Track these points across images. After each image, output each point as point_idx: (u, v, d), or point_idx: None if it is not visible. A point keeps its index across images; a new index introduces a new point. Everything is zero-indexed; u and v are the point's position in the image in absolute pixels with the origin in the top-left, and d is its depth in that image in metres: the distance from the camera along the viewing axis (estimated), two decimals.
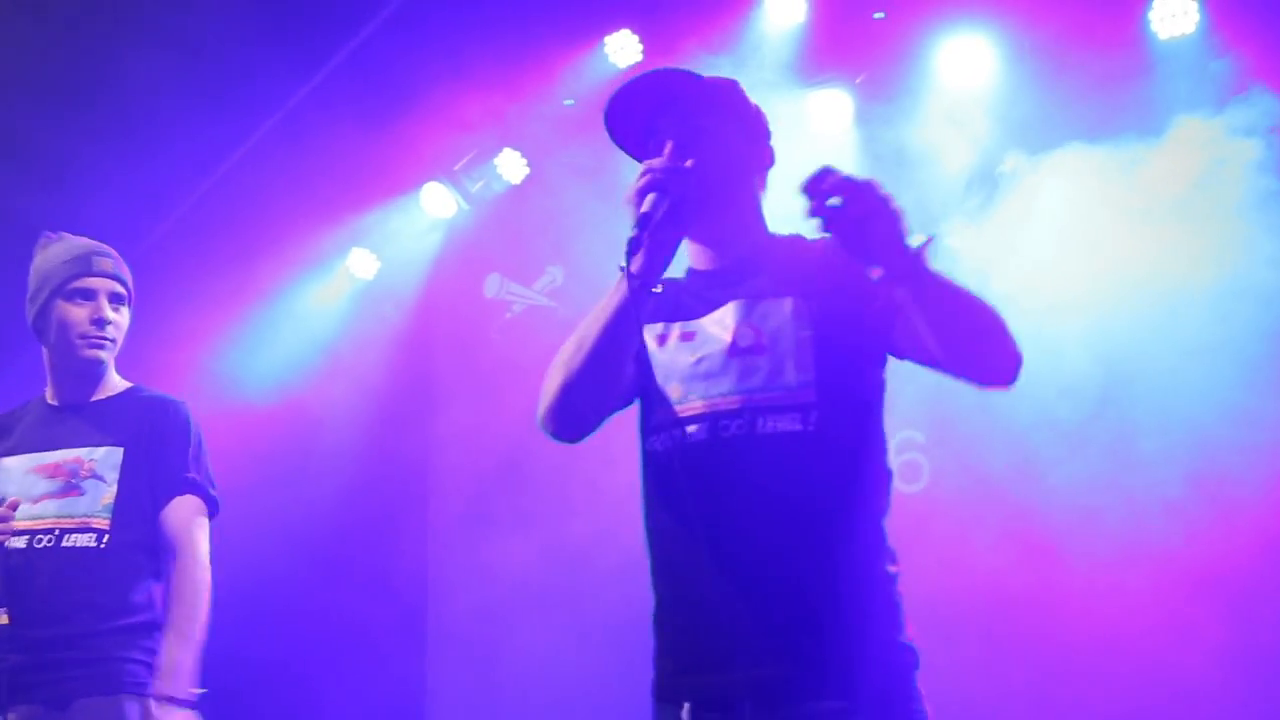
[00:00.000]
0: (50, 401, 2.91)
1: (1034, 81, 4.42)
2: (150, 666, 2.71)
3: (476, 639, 5.21)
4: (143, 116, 4.69)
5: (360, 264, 5.46)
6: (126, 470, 2.79)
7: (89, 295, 2.85)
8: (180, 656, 2.67)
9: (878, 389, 2.06)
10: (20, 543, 2.73)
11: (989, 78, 4.49)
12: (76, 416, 2.86)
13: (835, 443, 1.96)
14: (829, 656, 1.87)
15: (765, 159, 2.21)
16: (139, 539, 2.78)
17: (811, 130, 4.63)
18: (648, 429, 2.11)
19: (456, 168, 5.25)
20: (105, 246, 2.95)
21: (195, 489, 2.84)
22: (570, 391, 2.13)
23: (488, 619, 5.17)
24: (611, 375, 2.07)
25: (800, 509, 1.93)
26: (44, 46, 4.25)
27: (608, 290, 2.10)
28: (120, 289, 2.89)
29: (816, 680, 1.87)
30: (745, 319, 2.03)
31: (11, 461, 2.83)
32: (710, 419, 2.00)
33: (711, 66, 4.49)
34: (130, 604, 2.74)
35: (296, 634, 5.17)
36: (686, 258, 2.20)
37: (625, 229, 2.09)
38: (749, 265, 2.11)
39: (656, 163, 2.08)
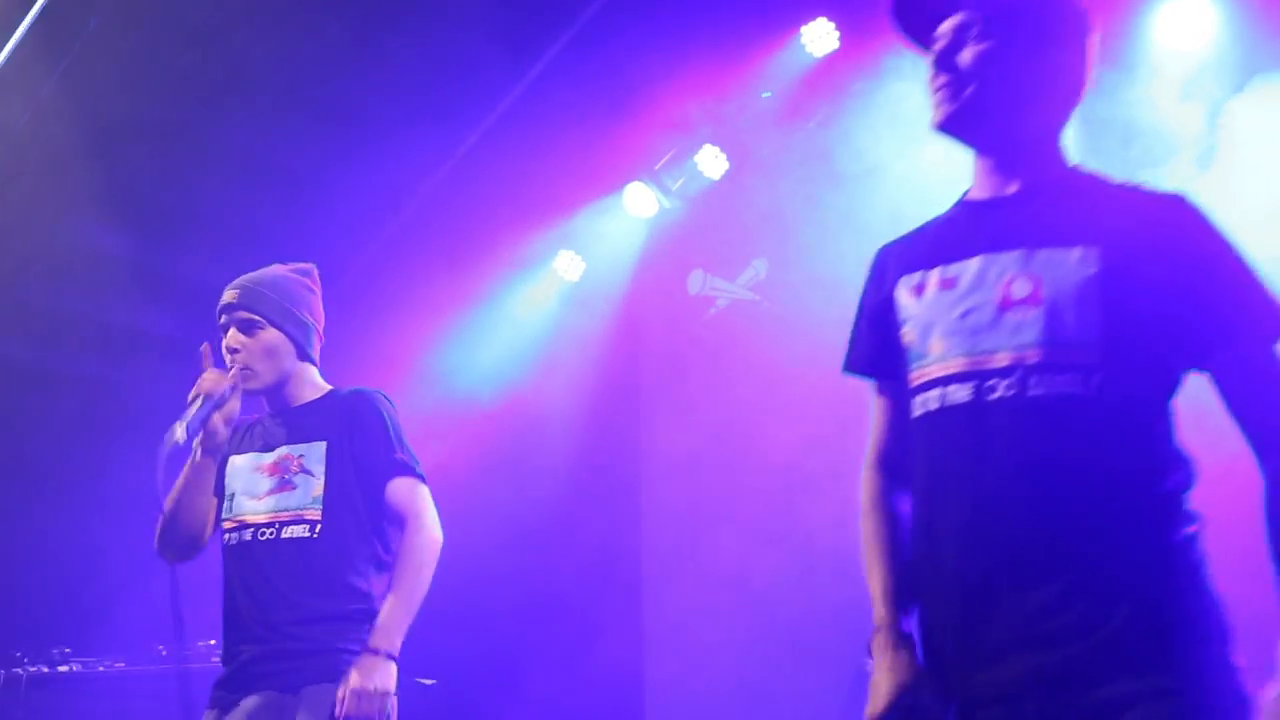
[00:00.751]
0: (268, 410, 3.10)
1: (1255, 30, 4.14)
2: None
3: (692, 631, 5.23)
4: (362, 129, 4.89)
5: (567, 266, 5.57)
6: (331, 462, 2.94)
7: (222, 330, 3.04)
8: (393, 614, 2.80)
9: (1174, 358, 1.82)
10: (246, 536, 2.93)
11: (1209, 33, 4.23)
12: (287, 420, 3.04)
13: (1119, 408, 1.75)
14: (1121, 633, 1.68)
15: (1078, 79, 1.93)
16: (349, 527, 2.91)
17: None
18: (910, 390, 1.92)
19: (657, 167, 5.28)
20: (247, 277, 3.09)
21: (406, 469, 2.96)
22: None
23: (702, 610, 5.19)
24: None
25: (1074, 479, 1.74)
26: (270, 61, 4.46)
27: (813, 282, 2.02)
28: (246, 315, 3.01)
29: (1113, 659, 1.67)
30: (1024, 267, 1.82)
31: (239, 459, 3.03)
32: (976, 378, 1.82)
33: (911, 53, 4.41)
34: (347, 591, 2.87)
35: (514, 626, 5.31)
36: (970, 187, 2.00)
37: (826, 222, 2.00)
38: (1035, 200, 1.89)
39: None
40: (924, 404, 1.89)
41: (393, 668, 2.76)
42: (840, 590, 4.63)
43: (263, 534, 2.92)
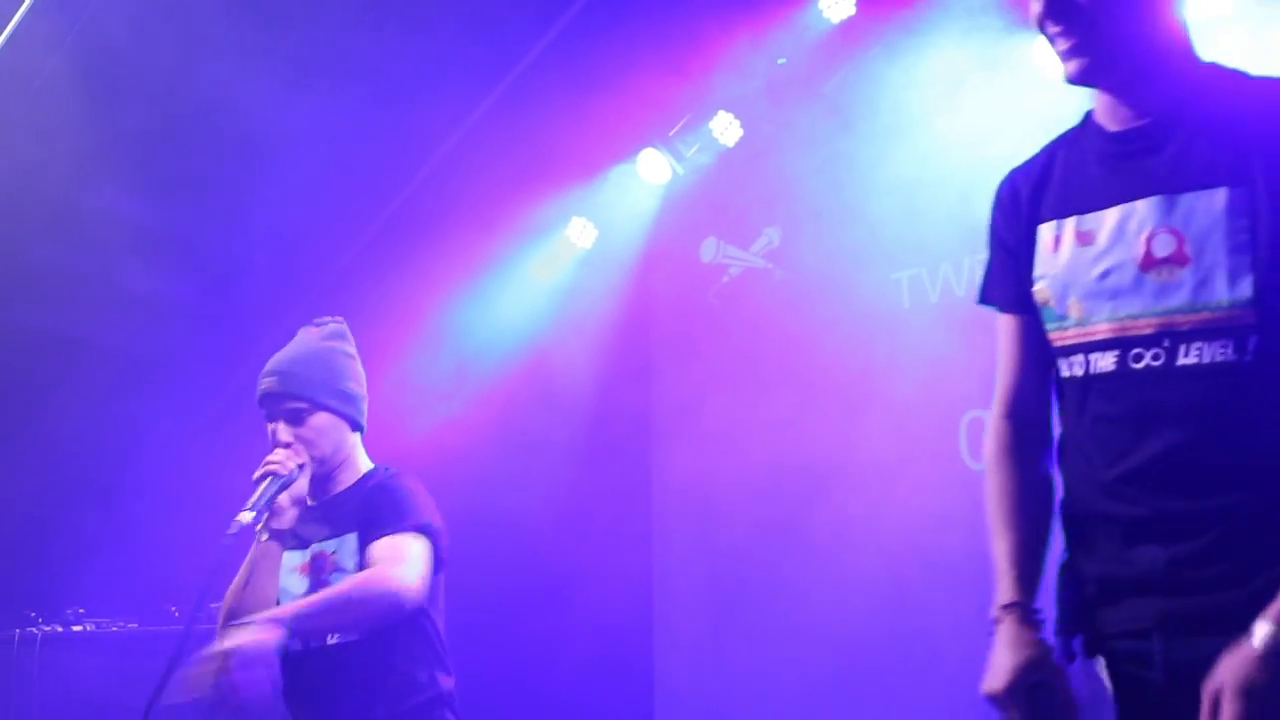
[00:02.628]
0: (309, 501, 2.94)
1: None
2: None
3: (702, 588, 5.25)
4: (377, 93, 4.87)
5: (579, 233, 5.55)
6: (363, 554, 2.77)
7: (267, 419, 2.90)
8: (307, 601, 2.65)
9: None
10: (296, 645, 2.71)
11: None
12: (321, 513, 2.91)
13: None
14: (1243, 592, 1.61)
15: None
16: (398, 621, 2.77)
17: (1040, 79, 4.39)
18: (1058, 351, 1.81)
19: (671, 133, 5.25)
20: (281, 358, 2.93)
21: (394, 528, 2.75)
22: None
23: (711, 571, 5.21)
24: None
25: (1231, 453, 1.64)
26: (286, 22, 4.44)
27: (826, 250, 1.98)
28: (292, 404, 2.87)
29: (1233, 616, 1.60)
30: (1164, 219, 1.67)
31: (284, 557, 2.88)
32: (1120, 346, 1.71)
33: (936, 12, 4.36)
34: (408, 685, 2.77)
35: (521, 587, 5.33)
36: (1094, 106, 1.83)
37: (841, 190, 1.95)
38: (1171, 129, 1.71)
39: None
40: (1069, 368, 1.79)
41: (271, 632, 2.49)
42: (855, 549, 4.65)
43: (310, 642, 2.74)
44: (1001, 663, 1.76)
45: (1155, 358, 1.68)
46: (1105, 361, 1.73)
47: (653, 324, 5.71)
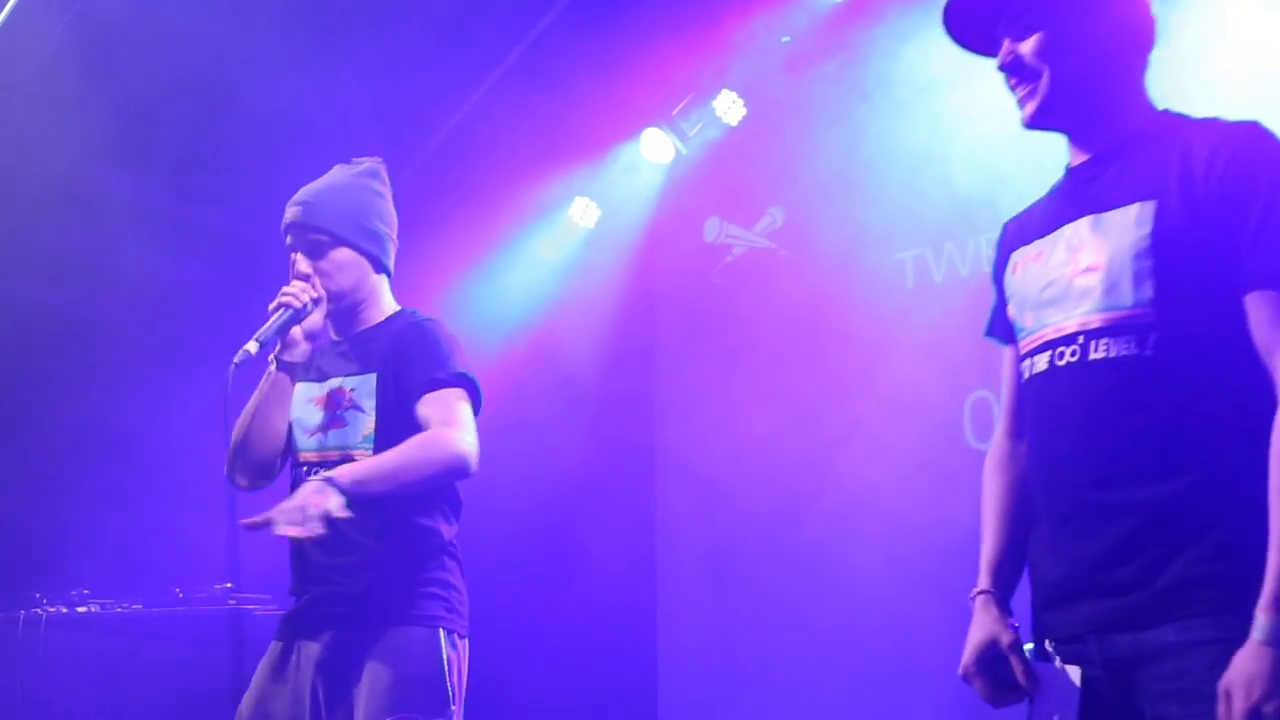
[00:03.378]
0: (331, 336, 2.93)
1: None
2: (437, 597, 2.74)
3: (704, 568, 5.26)
4: (380, 75, 4.86)
5: (582, 212, 5.53)
6: (381, 397, 2.76)
7: (289, 250, 2.88)
8: (365, 462, 2.65)
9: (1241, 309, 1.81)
10: (304, 474, 2.76)
11: None
12: (344, 349, 2.88)
13: (1178, 366, 1.80)
14: (1166, 586, 1.76)
15: (1140, 30, 1.97)
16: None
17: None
18: (1020, 357, 2.02)
19: (674, 112, 5.23)
20: (308, 188, 2.89)
21: (442, 383, 2.74)
22: None
23: (715, 545, 5.21)
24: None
25: (1133, 439, 1.81)
26: (285, 4, 4.42)
27: (829, 230, 2.10)
28: (315, 236, 2.82)
29: (1159, 609, 1.76)
30: (1091, 234, 1.89)
31: (298, 389, 2.87)
32: (1050, 347, 1.92)
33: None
34: (410, 529, 2.74)
35: (524, 561, 5.34)
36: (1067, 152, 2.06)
37: (845, 169, 2.05)
38: (1108, 164, 1.94)
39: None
40: (1025, 373, 2.00)
41: (332, 491, 2.53)
42: (858, 529, 4.66)
43: (318, 473, 2.70)
44: (969, 642, 1.99)
45: (1073, 354, 1.89)
46: (1041, 363, 1.94)
47: (656, 304, 5.70)
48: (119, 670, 4.26)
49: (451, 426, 2.69)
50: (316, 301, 2.81)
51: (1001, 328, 2.13)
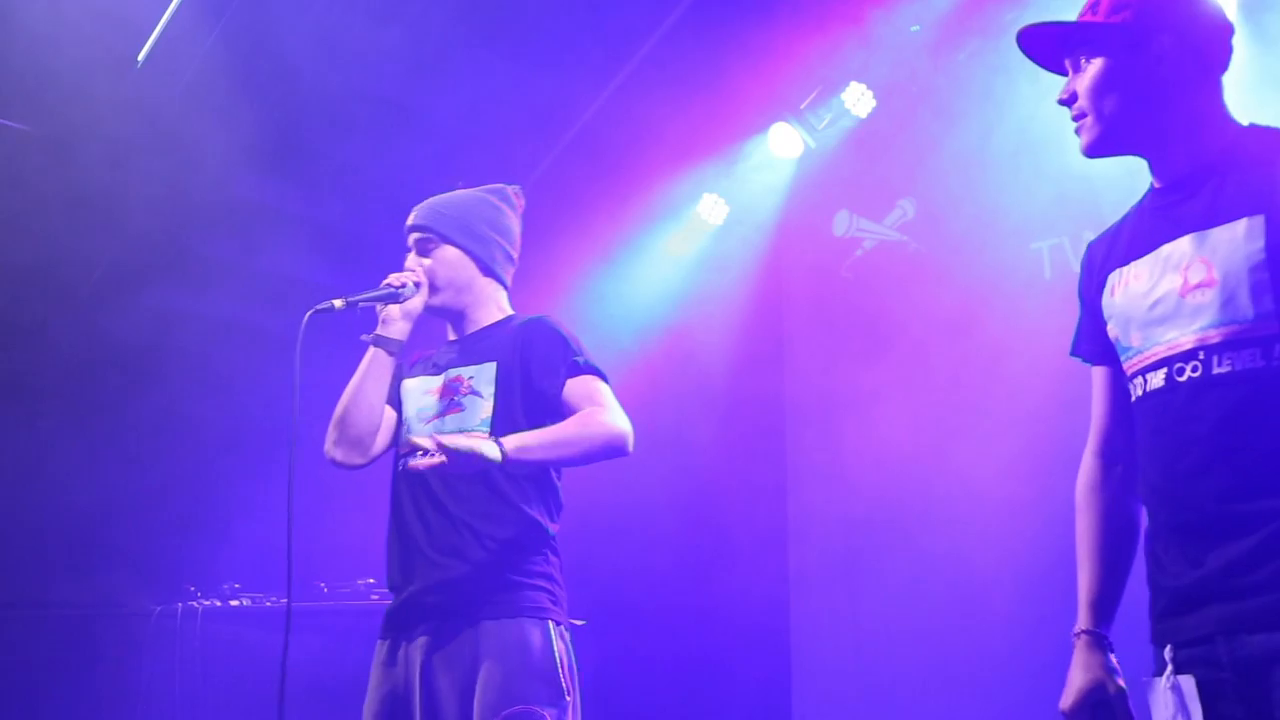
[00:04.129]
0: (450, 337, 3.07)
1: None
2: (544, 590, 2.79)
3: (836, 562, 5.22)
4: (507, 76, 4.93)
5: (711, 209, 5.53)
6: (501, 383, 2.86)
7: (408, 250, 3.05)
8: (531, 433, 2.75)
9: None
10: (422, 462, 2.82)
11: None
12: (459, 345, 3.01)
13: None
14: None
15: (1210, 51, 2.01)
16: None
17: None
18: (1128, 377, 2.05)
19: (803, 106, 5.19)
20: (431, 199, 3.07)
21: (585, 369, 2.87)
22: None
23: (847, 541, 5.18)
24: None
25: (1266, 450, 1.83)
26: (419, 11, 4.51)
27: (961, 222, 2.13)
28: (421, 234, 3.00)
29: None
30: (1197, 251, 1.92)
31: (411, 383, 3.00)
32: (1167, 364, 1.93)
33: None
34: (518, 518, 2.81)
35: (658, 559, 5.37)
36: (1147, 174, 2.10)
37: (977, 159, 2.10)
38: (1202, 182, 1.97)
39: None
40: (1133, 391, 2.02)
41: (493, 447, 2.65)
42: (990, 528, 4.58)
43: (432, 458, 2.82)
44: (1071, 683, 2.04)
45: (1194, 370, 1.90)
46: (1157, 380, 1.95)
47: (786, 299, 5.68)
48: (268, 661, 4.41)
49: (603, 408, 2.82)
50: (417, 286, 2.95)
51: (1088, 347, 2.18)
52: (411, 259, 3.02)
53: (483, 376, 2.90)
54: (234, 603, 4.50)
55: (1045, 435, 4.45)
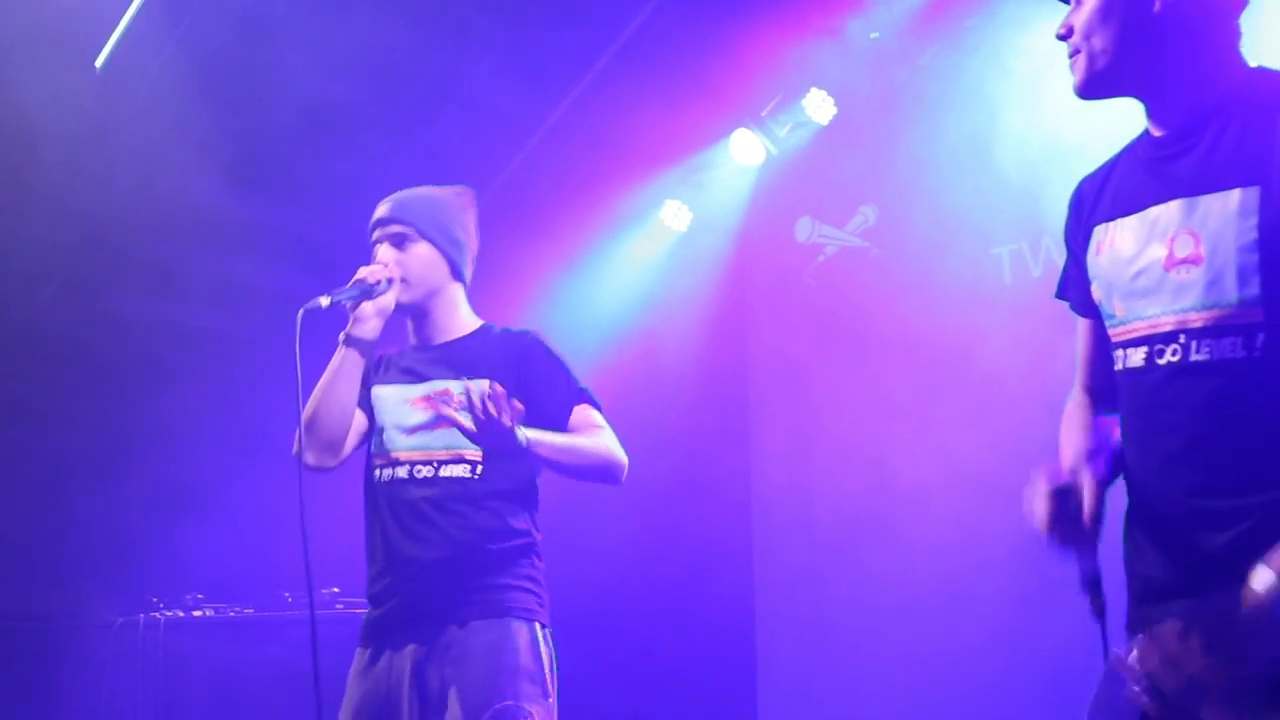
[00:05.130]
0: (413, 342, 3.03)
1: None
2: (531, 593, 2.83)
3: (801, 566, 5.25)
4: (465, 84, 4.93)
5: (674, 216, 5.56)
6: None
7: (373, 245, 2.99)
8: (549, 433, 2.80)
9: None
10: (402, 473, 2.86)
11: None
12: (436, 354, 2.96)
13: None
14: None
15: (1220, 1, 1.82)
16: (510, 468, 2.85)
17: None
18: (1113, 346, 1.93)
19: (764, 113, 5.22)
20: (400, 192, 3.03)
21: (589, 398, 2.93)
22: None
23: (812, 544, 5.20)
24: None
25: (1239, 447, 1.72)
26: (371, 24, 4.51)
27: (923, 227, 2.10)
28: (398, 228, 2.94)
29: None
30: (1185, 221, 1.76)
31: (385, 390, 2.95)
32: (1148, 343, 1.81)
33: None
34: (506, 530, 2.83)
35: (622, 568, 5.38)
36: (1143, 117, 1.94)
37: (938, 165, 2.06)
38: (1197, 137, 1.80)
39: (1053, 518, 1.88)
40: (1119, 362, 1.90)
41: (521, 432, 2.70)
42: (951, 528, 4.61)
43: (419, 471, 2.85)
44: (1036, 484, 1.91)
45: (1174, 354, 1.78)
46: (1137, 358, 1.84)
47: (749, 305, 5.70)
48: (231, 672, 4.38)
49: (609, 438, 2.92)
50: (390, 282, 2.89)
51: (1076, 295, 2.04)
52: (384, 252, 2.93)
53: (475, 391, 2.82)
54: (197, 613, 4.46)
55: (1008, 437, 4.49)
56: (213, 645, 4.42)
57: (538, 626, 2.82)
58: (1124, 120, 2.01)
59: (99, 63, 4.46)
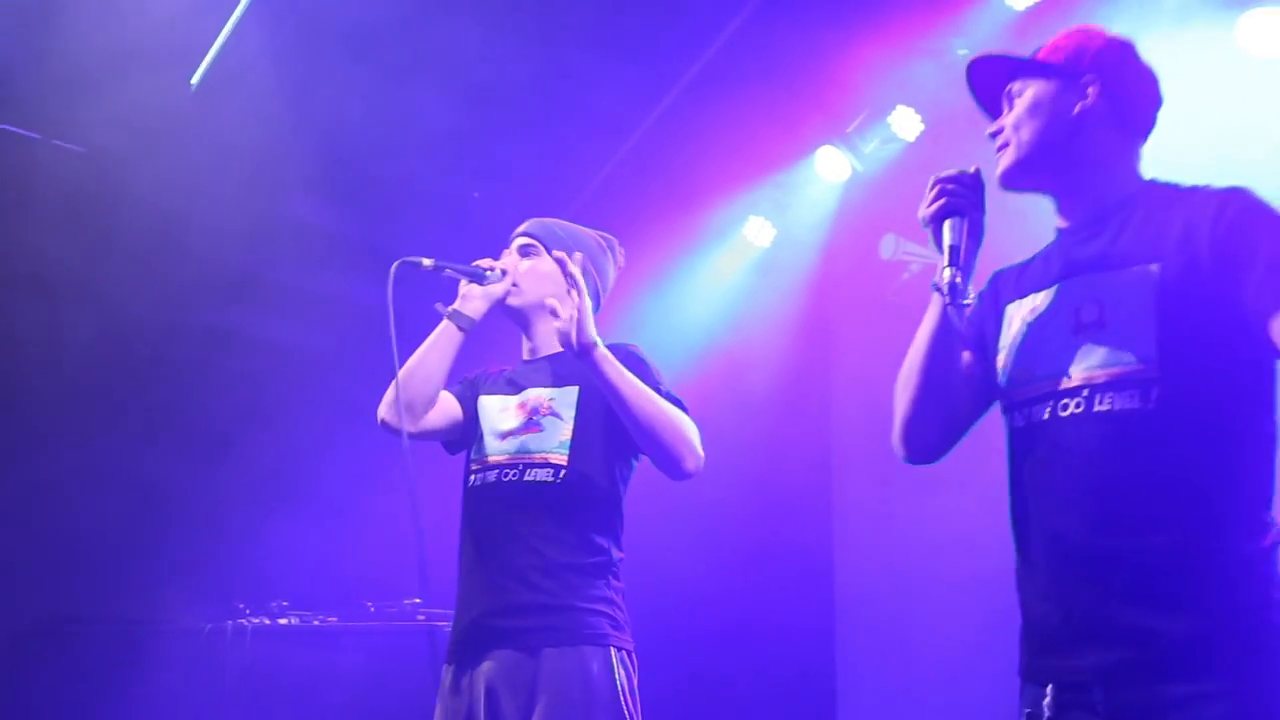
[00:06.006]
0: (525, 357, 3.09)
1: None
2: (605, 615, 2.78)
3: (883, 591, 5.19)
4: (554, 98, 4.97)
5: (757, 232, 5.54)
6: (582, 407, 2.86)
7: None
8: (627, 372, 2.77)
9: (1250, 361, 1.93)
10: (490, 477, 2.88)
11: None
12: (539, 365, 3.01)
13: (1182, 419, 1.90)
14: (1175, 637, 1.83)
15: (1134, 118, 2.13)
16: (595, 475, 2.84)
17: (1244, 56, 4.19)
18: (1007, 407, 2.13)
19: (850, 129, 5.19)
20: (551, 219, 3.15)
21: (678, 403, 2.87)
22: (910, 423, 2.26)
23: (894, 568, 5.15)
24: (947, 400, 2.15)
25: (1137, 487, 1.90)
26: (465, 40, 4.56)
27: (1008, 244, 2.24)
28: (527, 240, 3.06)
29: (1163, 661, 1.83)
30: (1090, 293, 2.00)
31: (489, 400, 3.00)
32: (1053, 398, 1.99)
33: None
34: (586, 544, 2.80)
35: (700, 591, 5.36)
36: (1054, 215, 2.20)
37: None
38: (1103, 226, 2.07)
39: (946, 174, 2.13)
40: (1019, 420, 2.07)
41: (594, 332, 2.73)
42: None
43: (506, 475, 2.86)
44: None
45: (1078, 406, 1.96)
46: (1041, 413, 2.01)
47: (832, 322, 5.66)
48: (315, 680, 4.44)
49: (694, 433, 2.84)
50: (504, 274, 3.00)
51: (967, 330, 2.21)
52: (508, 255, 3.06)
53: (564, 400, 2.90)
54: (282, 621, 4.53)
55: None
56: (297, 653, 4.48)
57: (612, 651, 2.77)
58: (1231, 130, 2.02)
59: (194, 81, 4.57)
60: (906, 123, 5.04)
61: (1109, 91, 2.10)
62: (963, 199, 2.08)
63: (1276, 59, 4.11)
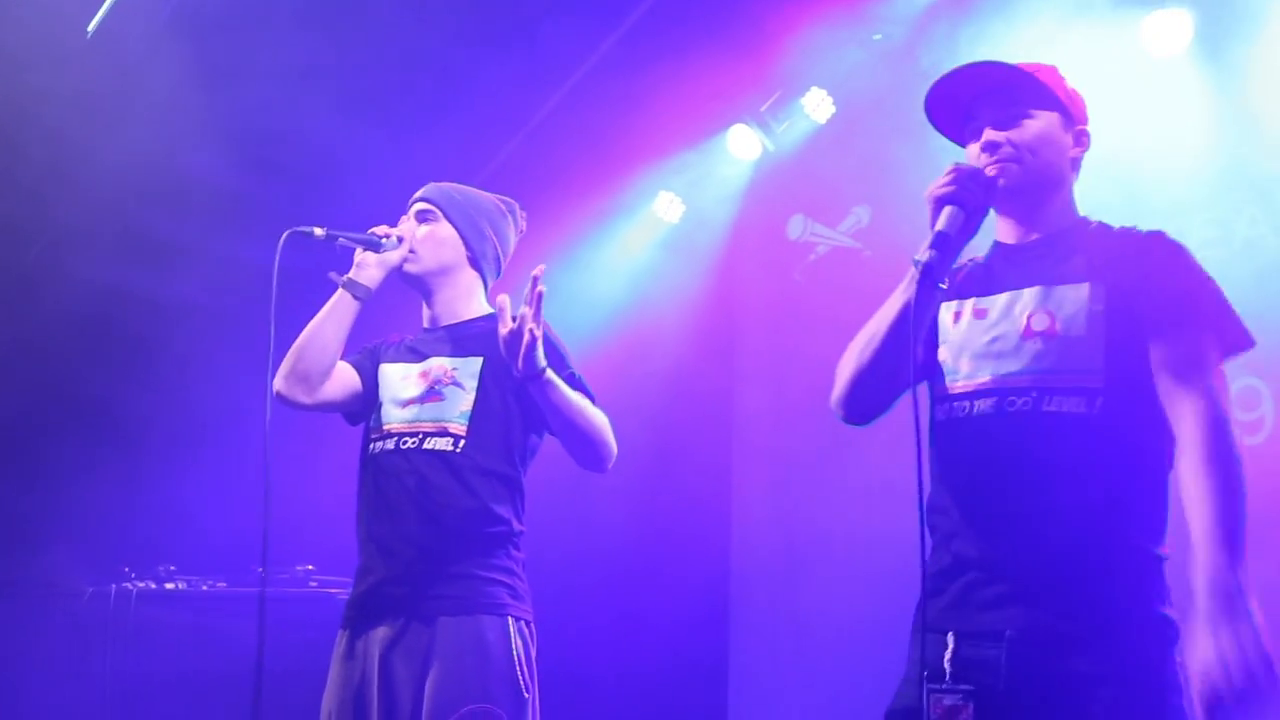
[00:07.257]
0: (425, 325, 3.06)
1: None
2: (503, 585, 2.78)
3: (780, 568, 5.24)
4: (460, 70, 4.90)
5: (667, 208, 5.53)
6: (485, 378, 2.86)
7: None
8: (565, 387, 2.78)
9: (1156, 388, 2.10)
10: (390, 445, 2.87)
11: None
12: (440, 335, 2.99)
13: (1118, 428, 2.06)
14: (1081, 619, 1.99)
15: (1080, 144, 2.30)
16: (494, 447, 2.84)
17: (1148, 58, 4.30)
18: (936, 399, 2.23)
19: (763, 109, 5.21)
20: (448, 184, 3.11)
21: (583, 387, 2.88)
22: (858, 385, 2.29)
23: (792, 546, 5.19)
24: (896, 368, 2.19)
25: (1075, 484, 2.04)
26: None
27: (916, 231, 2.25)
28: (424, 205, 3.02)
29: (1071, 636, 1.98)
30: (1042, 303, 2.14)
31: (390, 368, 2.98)
32: (999, 393, 2.12)
33: None
34: (484, 513, 2.80)
35: (600, 565, 5.37)
36: (993, 230, 2.33)
37: (934, 170, 2.22)
38: (1052, 247, 2.22)
39: (967, 168, 2.20)
40: (950, 413, 2.19)
41: (543, 358, 2.71)
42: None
43: (405, 442, 2.85)
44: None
45: (1025, 404, 2.10)
46: (985, 405, 2.14)
47: (738, 300, 5.68)
48: (202, 644, 4.36)
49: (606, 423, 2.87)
50: (400, 242, 2.96)
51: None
52: (405, 221, 3.02)
53: (466, 370, 2.89)
54: (169, 585, 4.44)
55: None
56: (184, 619, 4.40)
57: (510, 620, 2.76)
58: (1126, 121, 2.04)
59: (90, 28, 4.42)
60: (819, 105, 5.07)
61: (1081, 140, 2.30)
62: (972, 196, 2.15)
63: (1175, 58, 4.23)
